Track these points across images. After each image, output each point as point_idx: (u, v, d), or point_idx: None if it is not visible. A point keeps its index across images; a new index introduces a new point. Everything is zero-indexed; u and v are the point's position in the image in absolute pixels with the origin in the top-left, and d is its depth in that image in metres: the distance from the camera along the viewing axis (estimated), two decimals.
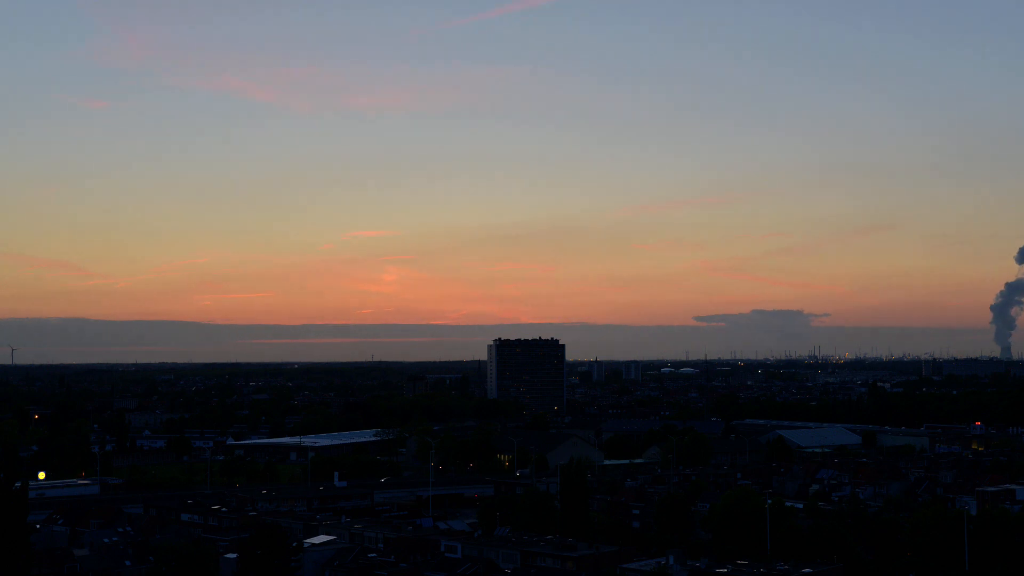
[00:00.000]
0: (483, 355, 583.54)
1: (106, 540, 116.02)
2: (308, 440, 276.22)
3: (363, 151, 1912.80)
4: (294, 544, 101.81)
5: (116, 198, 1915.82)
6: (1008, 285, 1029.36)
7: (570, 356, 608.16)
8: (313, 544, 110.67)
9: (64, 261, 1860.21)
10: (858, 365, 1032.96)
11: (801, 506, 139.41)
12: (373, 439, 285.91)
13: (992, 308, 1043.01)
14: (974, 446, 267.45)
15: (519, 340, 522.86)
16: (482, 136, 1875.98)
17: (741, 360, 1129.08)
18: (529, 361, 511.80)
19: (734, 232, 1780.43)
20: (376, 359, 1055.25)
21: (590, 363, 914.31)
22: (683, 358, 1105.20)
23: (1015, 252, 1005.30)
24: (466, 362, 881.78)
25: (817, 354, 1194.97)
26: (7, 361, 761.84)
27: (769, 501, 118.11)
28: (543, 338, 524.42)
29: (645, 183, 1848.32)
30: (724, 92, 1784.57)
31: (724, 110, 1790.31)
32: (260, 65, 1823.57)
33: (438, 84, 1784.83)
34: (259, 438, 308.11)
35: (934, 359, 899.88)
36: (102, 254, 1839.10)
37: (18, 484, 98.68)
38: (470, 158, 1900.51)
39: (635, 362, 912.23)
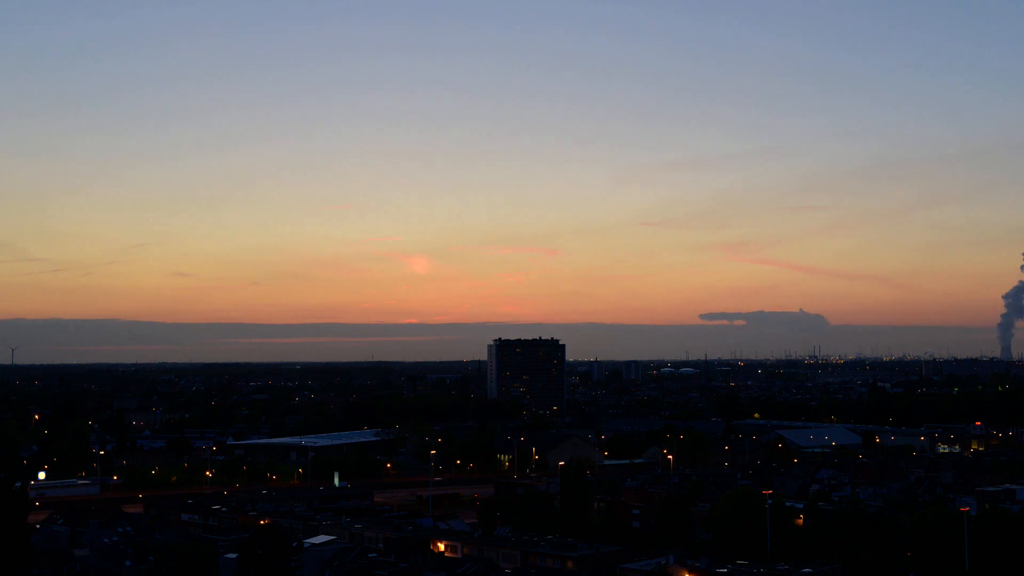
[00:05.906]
0: (483, 355, 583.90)
1: (106, 540, 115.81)
2: (308, 440, 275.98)
3: (362, 149, 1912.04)
4: (294, 544, 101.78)
5: (115, 197, 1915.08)
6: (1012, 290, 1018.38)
7: (570, 356, 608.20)
8: (313, 544, 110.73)
9: (64, 261, 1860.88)
10: (858, 365, 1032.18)
11: (801, 506, 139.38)
12: (373, 439, 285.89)
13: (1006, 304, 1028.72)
14: (974, 446, 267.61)
15: (519, 340, 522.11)
16: (480, 134, 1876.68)
17: (741, 360, 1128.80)
18: (529, 361, 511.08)
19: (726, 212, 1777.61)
20: (376, 359, 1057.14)
21: (590, 363, 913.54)
22: (683, 358, 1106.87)
23: (1017, 251, 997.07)
24: (466, 362, 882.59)
25: (817, 354, 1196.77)
26: (7, 361, 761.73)
27: (769, 501, 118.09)
28: (543, 338, 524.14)
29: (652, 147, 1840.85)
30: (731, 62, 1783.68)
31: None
32: (256, 52, 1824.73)
33: (441, 78, 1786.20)
34: (259, 438, 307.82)
35: (934, 359, 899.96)
36: (102, 254, 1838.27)
37: (18, 484, 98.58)
38: (469, 156, 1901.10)
39: (635, 362, 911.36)
